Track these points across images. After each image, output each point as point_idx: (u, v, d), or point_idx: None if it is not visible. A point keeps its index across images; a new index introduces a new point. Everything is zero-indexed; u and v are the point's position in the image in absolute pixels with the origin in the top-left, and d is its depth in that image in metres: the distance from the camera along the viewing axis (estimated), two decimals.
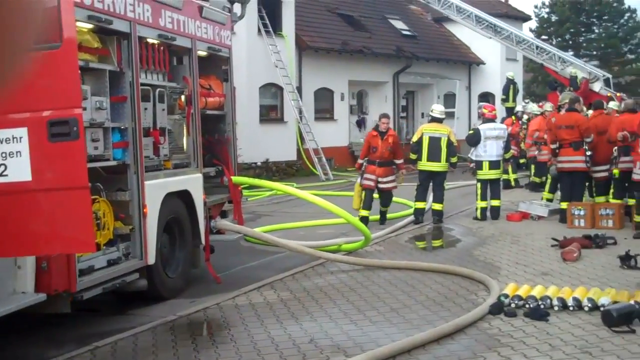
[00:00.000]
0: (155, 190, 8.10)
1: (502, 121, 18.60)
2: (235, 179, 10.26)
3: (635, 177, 11.34)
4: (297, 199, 19.67)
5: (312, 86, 28.95)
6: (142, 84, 8.01)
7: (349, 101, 31.35)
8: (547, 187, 14.75)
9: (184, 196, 8.88)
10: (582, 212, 12.54)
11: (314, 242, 11.13)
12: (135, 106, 7.73)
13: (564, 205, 13.08)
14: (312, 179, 24.93)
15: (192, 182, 9.04)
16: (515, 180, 19.76)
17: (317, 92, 29.32)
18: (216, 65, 10.32)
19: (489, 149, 13.82)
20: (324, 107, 30.01)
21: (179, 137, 9.10)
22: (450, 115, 34.14)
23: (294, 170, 26.73)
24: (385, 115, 14.04)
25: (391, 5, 36.81)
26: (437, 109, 13.97)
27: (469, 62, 37.30)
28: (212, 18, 9.70)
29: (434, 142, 13.44)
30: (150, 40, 8.27)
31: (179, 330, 7.23)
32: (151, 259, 7.95)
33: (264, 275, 9.58)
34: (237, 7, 18.46)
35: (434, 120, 13.83)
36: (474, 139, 13.95)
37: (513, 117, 20.05)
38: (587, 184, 13.66)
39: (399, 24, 35.03)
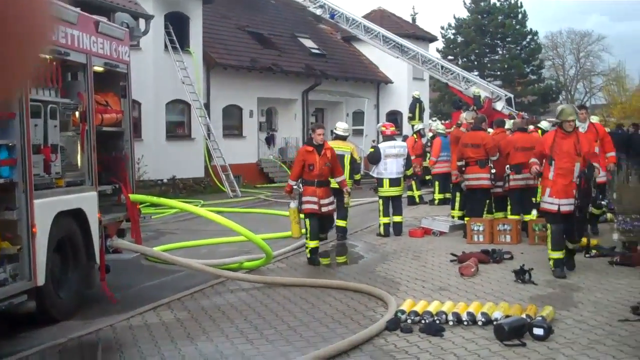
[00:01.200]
0: (46, 209, 7.84)
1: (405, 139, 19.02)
2: (133, 197, 10.05)
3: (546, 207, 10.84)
4: (199, 218, 19.54)
5: (221, 103, 28.80)
6: (33, 100, 7.75)
7: (258, 118, 31.34)
8: (456, 204, 14.89)
9: (77, 215, 8.63)
10: (481, 228, 12.83)
11: (215, 261, 11.00)
12: (25, 123, 7.48)
13: (466, 219, 13.35)
14: (220, 196, 24.72)
15: (86, 200, 8.80)
16: (420, 196, 20.09)
17: (225, 108, 29.18)
18: (114, 81, 10.12)
19: (389, 167, 13.97)
20: (232, 124, 29.89)
21: (73, 154, 8.85)
22: (359, 132, 34.68)
23: (201, 187, 26.47)
24: (319, 126, 12.31)
25: (301, 24, 37.00)
26: (341, 127, 14.02)
27: (377, 81, 37.84)
28: (108, 33, 9.51)
29: (338, 159, 13.48)
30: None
31: (68, 353, 6.98)
32: (41, 280, 7.67)
33: (162, 295, 9.37)
34: (141, 23, 18.33)
35: (338, 137, 13.86)
36: (374, 157, 14.11)
37: (414, 135, 20.37)
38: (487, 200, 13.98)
39: (308, 43, 35.25)
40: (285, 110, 33.17)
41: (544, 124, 14.41)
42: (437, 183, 19.40)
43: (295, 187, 11.70)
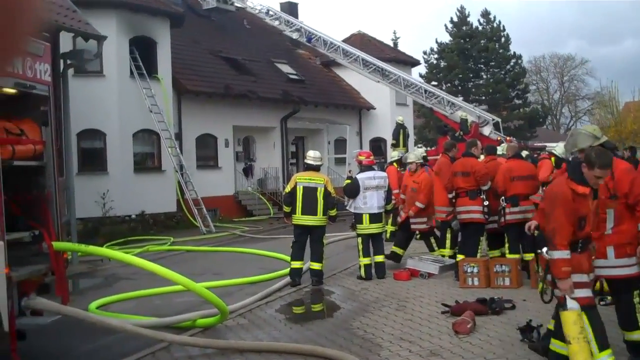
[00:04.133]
0: None
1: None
2: (57, 245, 8.21)
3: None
4: (168, 257, 17.75)
5: (194, 132, 27.15)
6: None
7: (234, 148, 29.67)
8: (447, 241, 13.04)
9: None
10: (475, 270, 11.05)
11: (163, 319, 9.15)
12: None
13: (460, 259, 11.59)
14: (192, 232, 22.93)
15: None
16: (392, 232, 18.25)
17: (199, 138, 27.51)
18: (31, 105, 8.31)
19: (369, 201, 12.31)
20: (207, 154, 28.19)
21: None
22: (341, 161, 33.08)
23: (173, 222, 24.65)
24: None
25: (278, 49, 35.53)
26: (312, 155, 12.30)
27: (359, 107, 36.38)
28: None
29: (309, 192, 11.76)
30: None
31: None
32: None
33: None
34: (92, 45, 16.63)
35: (309, 168, 12.15)
36: (352, 189, 12.35)
37: (395, 164, 18.59)
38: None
39: (285, 68, 33.75)
40: (264, 139, 31.59)
41: (559, 149, 12.06)
42: None
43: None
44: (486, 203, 11.45)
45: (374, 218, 12.27)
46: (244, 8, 34.64)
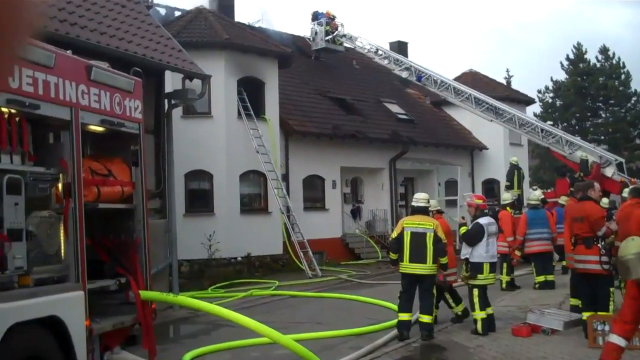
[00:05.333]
0: None
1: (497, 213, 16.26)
2: (145, 294, 7.61)
3: None
4: (271, 302, 17.09)
5: (301, 173, 26.71)
6: None
7: (342, 189, 29.01)
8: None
9: (50, 324, 6.23)
10: (607, 328, 9.73)
11: None
12: None
13: (585, 315, 10.30)
14: (298, 275, 22.25)
15: (65, 303, 6.40)
16: (508, 282, 16.94)
17: (306, 179, 27.03)
18: (121, 144, 7.83)
19: (491, 248, 11.26)
20: (314, 196, 27.68)
21: (49, 241, 6.49)
22: (452, 203, 31.79)
23: (279, 265, 24.06)
24: None
25: (387, 89, 34.91)
26: (420, 197, 11.35)
27: (470, 147, 35.12)
28: (108, 83, 7.24)
29: (417, 238, 10.77)
30: None
31: None
32: None
33: None
34: (196, 84, 16.36)
35: (417, 211, 11.16)
36: (476, 236, 11.19)
37: (509, 208, 17.34)
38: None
39: (395, 108, 33.02)
40: (372, 180, 30.82)
41: None
42: (533, 264, 16.48)
43: None
44: (604, 254, 10.12)
45: (493, 267, 11.28)
46: (352, 48, 34.26)
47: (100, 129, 7.30)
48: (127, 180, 7.76)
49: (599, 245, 10.28)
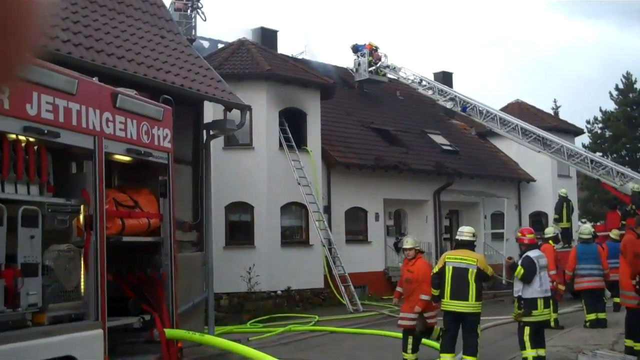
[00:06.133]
0: None
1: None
2: (170, 332, 7.23)
3: None
4: (311, 338, 16.60)
5: (343, 205, 26.24)
6: None
7: (384, 222, 28.45)
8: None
9: None
10: None
11: None
12: None
13: None
14: (339, 310, 21.71)
15: (83, 342, 6.05)
16: (556, 320, 16.14)
17: (348, 211, 26.56)
18: (150, 175, 7.53)
19: (544, 282, 10.66)
20: (356, 228, 27.17)
21: (68, 276, 6.17)
22: (499, 236, 31.03)
23: (320, 299, 23.57)
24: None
25: (431, 120, 34.38)
26: (464, 231, 10.86)
27: (517, 179, 34.35)
28: (134, 110, 6.96)
29: (460, 274, 10.25)
30: (10, 136, 5.52)
31: None
32: None
33: None
34: (235, 115, 16.13)
35: (461, 245, 10.67)
36: (530, 272, 10.52)
37: (551, 242, 16.68)
38: None
39: (439, 139, 32.47)
40: (415, 213, 30.20)
41: None
42: (584, 301, 15.71)
43: None
44: None
45: (547, 302, 10.69)
46: (396, 79, 33.95)
47: (126, 158, 7.01)
48: (155, 212, 7.43)
49: None
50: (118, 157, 6.90)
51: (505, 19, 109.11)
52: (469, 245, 10.65)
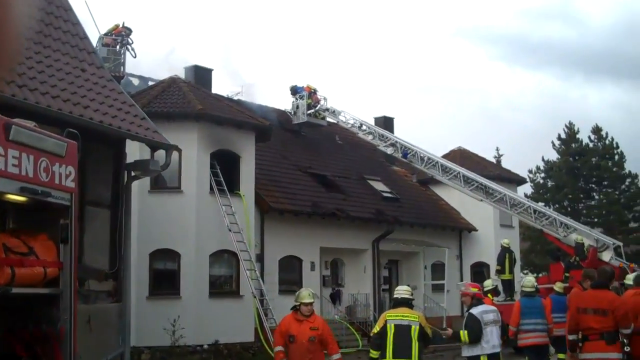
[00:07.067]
0: None
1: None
2: None
3: None
4: None
5: (277, 254, 25.89)
6: None
7: (321, 271, 28.20)
8: None
9: None
10: None
11: None
12: None
13: None
14: None
15: None
16: None
17: (282, 260, 26.25)
18: (49, 218, 6.88)
19: (491, 337, 10.59)
20: (290, 278, 26.76)
21: None
22: (439, 288, 30.90)
23: (250, 354, 22.89)
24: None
25: (371, 166, 34.51)
26: (402, 289, 10.61)
27: (459, 229, 34.54)
28: (31, 144, 6.33)
29: (402, 331, 9.90)
30: None
31: None
32: None
33: None
34: (159, 155, 15.57)
35: (400, 303, 10.34)
36: (476, 330, 10.45)
37: (490, 295, 16.52)
38: None
39: (379, 185, 32.53)
40: (353, 262, 30.01)
41: None
42: (527, 358, 15.42)
43: None
44: (627, 349, 9.22)
45: (494, 358, 10.53)
46: (336, 122, 33.85)
47: (20, 198, 6.36)
48: (53, 259, 6.78)
49: (621, 340, 9.45)
50: (10, 197, 6.27)
51: (447, 67, 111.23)
52: (407, 303, 10.36)
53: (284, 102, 35.68)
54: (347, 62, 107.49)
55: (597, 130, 51.90)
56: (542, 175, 52.27)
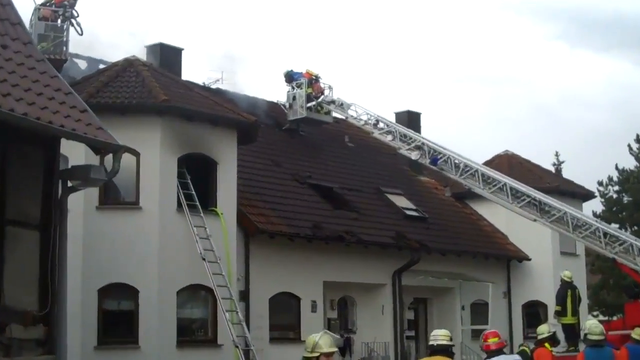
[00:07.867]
0: None
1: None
2: None
3: None
4: None
5: (266, 290, 26.14)
6: None
7: (324, 313, 28.49)
8: None
9: None
10: None
11: None
12: None
13: None
14: None
15: None
16: None
17: (274, 299, 26.52)
18: None
19: None
20: (285, 322, 27.35)
21: None
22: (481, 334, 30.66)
23: None
24: None
25: (390, 175, 35.24)
26: (439, 334, 10.85)
27: (506, 257, 35.09)
28: None
29: None
30: None
31: None
32: None
33: None
34: (108, 160, 15.37)
35: (437, 352, 10.66)
36: None
37: (547, 345, 16.48)
38: None
39: (401, 201, 33.05)
40: (368, 301, 30.34)
41: None
42: None
43: None
44: None
45: None
46: (344, 119, 33.93)
47: None
48: None
49: None
50: None
51: (493, 51, 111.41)
52: (447, 351, 10.65)
53: (278, 93, 35.50)
54: (359, 42, 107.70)
55: None
56: (616, 188, 52.21)
